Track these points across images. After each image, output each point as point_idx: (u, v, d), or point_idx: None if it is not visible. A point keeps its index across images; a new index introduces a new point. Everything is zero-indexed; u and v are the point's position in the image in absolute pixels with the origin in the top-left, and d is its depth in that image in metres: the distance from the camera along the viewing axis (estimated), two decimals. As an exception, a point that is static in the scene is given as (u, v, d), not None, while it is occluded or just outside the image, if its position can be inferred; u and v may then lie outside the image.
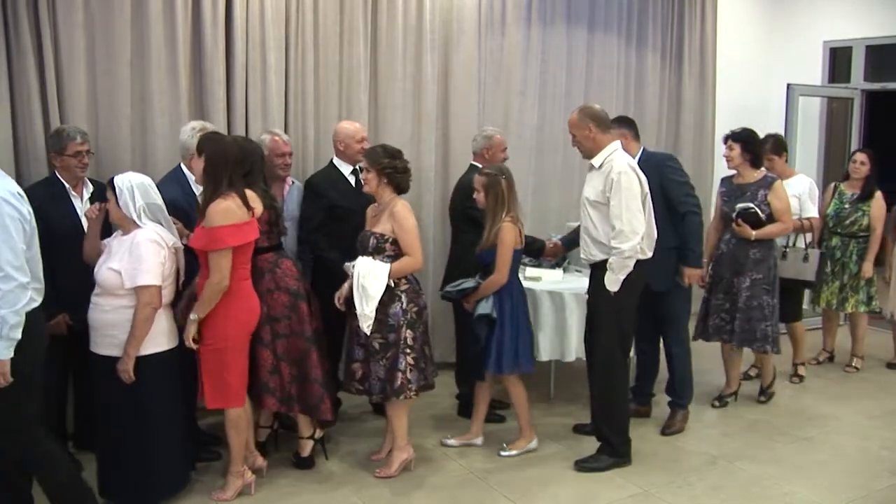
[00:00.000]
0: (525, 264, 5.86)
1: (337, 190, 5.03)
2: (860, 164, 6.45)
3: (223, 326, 4.05)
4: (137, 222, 3.88)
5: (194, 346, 4.00)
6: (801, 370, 6.40)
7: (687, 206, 4.96)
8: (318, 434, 4.65)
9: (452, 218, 5.39)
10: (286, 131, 5.43)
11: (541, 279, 5.68)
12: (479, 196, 4.62)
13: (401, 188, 4.46)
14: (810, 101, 8.22)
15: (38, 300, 3.49)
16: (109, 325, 3.87)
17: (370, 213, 4.56)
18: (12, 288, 3.24)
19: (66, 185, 4.44)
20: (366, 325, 4.27)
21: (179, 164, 4.64)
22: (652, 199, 4.68)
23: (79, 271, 4.13)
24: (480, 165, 5.22)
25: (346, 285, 4.41)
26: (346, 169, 5.11)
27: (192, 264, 4.15)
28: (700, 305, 5.69)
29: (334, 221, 4.95)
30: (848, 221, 6.47)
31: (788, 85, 7.84)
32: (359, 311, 4.27)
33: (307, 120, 5.65)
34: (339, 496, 4.34)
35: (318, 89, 5.69)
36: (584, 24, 6.96)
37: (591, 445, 4.80)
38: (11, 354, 3.29)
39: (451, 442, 4.97)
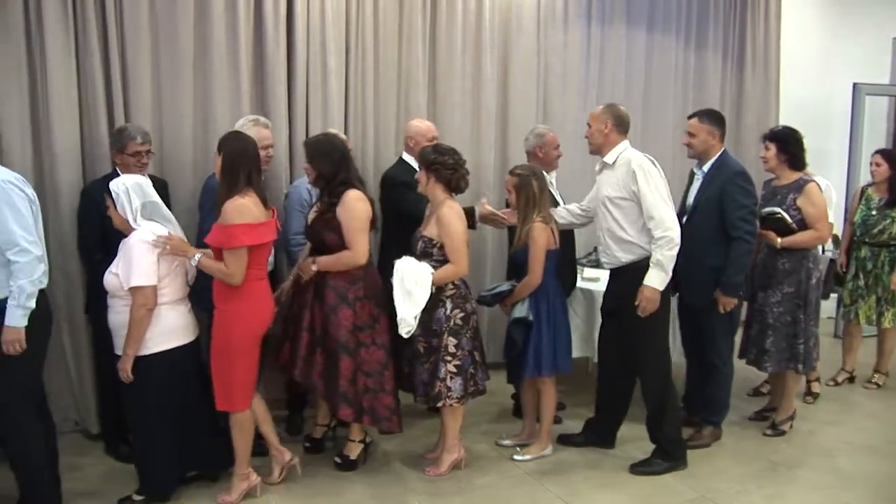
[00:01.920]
0: (583, 265, 5.83)
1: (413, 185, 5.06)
2: (875, 165, 6.10)
3: (231, 327, 4.01)
4: (132, 224, 3.89)
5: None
6: (816, 386, 5.92)
7: (739, 231, 4.66)
8: (368, 438, 4.66)
9: None
10: (346, 131, 5.48)
11: (599, 280, 5.64)
12: (510, 197, 4.60)
13: (451, 186, 4.39)
14: (877, 101, 8.04)
15: (45, 281, 3.68)
16: (122, 326, 3.90)
17: (427, 213, 4.55)
18: (29, 260, 3.52)
19: None
20: (405, 330, 4.23)
21: None
22: (705, 208, 4.66)
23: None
24: (533, 164, 5.22)
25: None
26: (416, 164, 5.11)
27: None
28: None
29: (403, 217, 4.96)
30: (876, 230, 6.04)
31: (854, 84, 7.67)
32: (399, 315, 4.22)
33: (367, 119, 5.69)
34: (395, 493, 4.36)
35: (377, 89, 5.73)
36: (644, 23, 6.90)
37: (648, 447, 4.77)
38: (26, 323, 3.55)
39: (506, 442, 4.96)
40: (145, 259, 3.81)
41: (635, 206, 4.34)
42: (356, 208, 4.22)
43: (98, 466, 4.61)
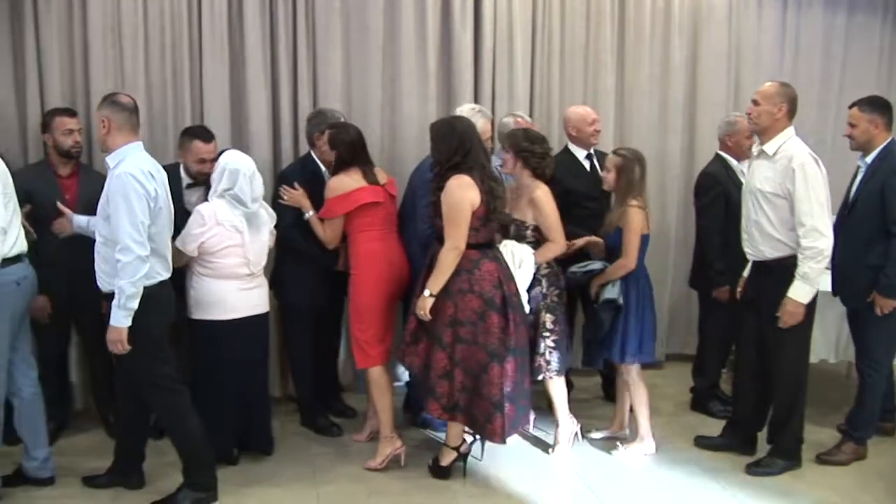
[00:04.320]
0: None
1: (573, 175, 4.99)
2: None
3: (359, 288, 4.32)
4: (210, 197, 4.15)
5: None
6: None
7: None
8: (465, 448, 4.32)
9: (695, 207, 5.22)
10: (531, 115, 5.46)
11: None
12: (609, 176, 4.47)
13: (538, 173, 4.38)
14: None
15: (165, 275, 3.76)
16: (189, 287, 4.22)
17: (509, 195, 4.45)
18: (131, 260, 3.48)
19: (321, 166, 4.66)
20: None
21: None
22: (866, 203, 4.34)
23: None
24: (725, 154, 5.03)
25: None
26: (580, 154, 5.07)
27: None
28: None
29: (571, 206, 4.87)
30: None
31: None
32: None
33: (552, 103, 5.64)
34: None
35: (563, 73, 5.67)
36: (844, 4, 6.48)
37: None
38: (129, 323, 3.53)
39: (596, 435, 4.79)
40: (192, 228, 4.05)
41: (788, 205, 4.08)
42: (452, 195, 3.95)
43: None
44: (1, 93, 4.79)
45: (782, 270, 4.12)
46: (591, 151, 5.10)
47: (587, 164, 5.06)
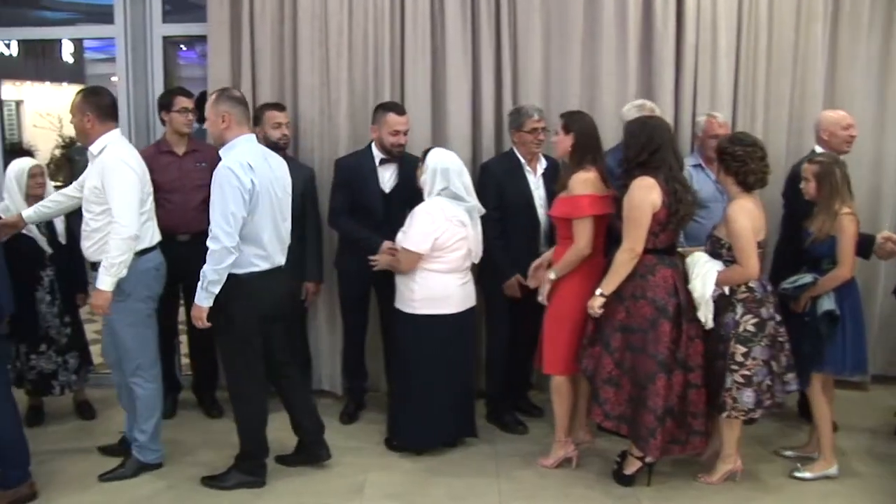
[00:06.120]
0: None
1: None
2: None
3: (562, 296, 4.19)
4: (426, 196, 4.30)
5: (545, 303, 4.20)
6: None
7: None
8: (651, 458, 4.14)
9: None
10: (734, 115, 5.27)
11: None
12: (809, 186, 4.18)
13: (740, 180, 4.01)
14: None
15: (262, 265, 3.90)
16: (399, 281, 4.39)
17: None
18: (217, 248, 3.68)
19: (522, 160, 4.72)
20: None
21: None
22: None
23: (526, 237, 4.70)
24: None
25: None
26: None
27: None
28: None
29: None
30: None
31: None
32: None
33: (756, 104, 5.35)
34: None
35: (769, 73, 5.36)
36: None
37: None
38: (209, 304, 3.77)
39: (789, 453, 4.54)
40: (420, 227, 4.21)
41: None
42: (634, 196, 3.89)
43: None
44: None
45: None
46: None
47: None
